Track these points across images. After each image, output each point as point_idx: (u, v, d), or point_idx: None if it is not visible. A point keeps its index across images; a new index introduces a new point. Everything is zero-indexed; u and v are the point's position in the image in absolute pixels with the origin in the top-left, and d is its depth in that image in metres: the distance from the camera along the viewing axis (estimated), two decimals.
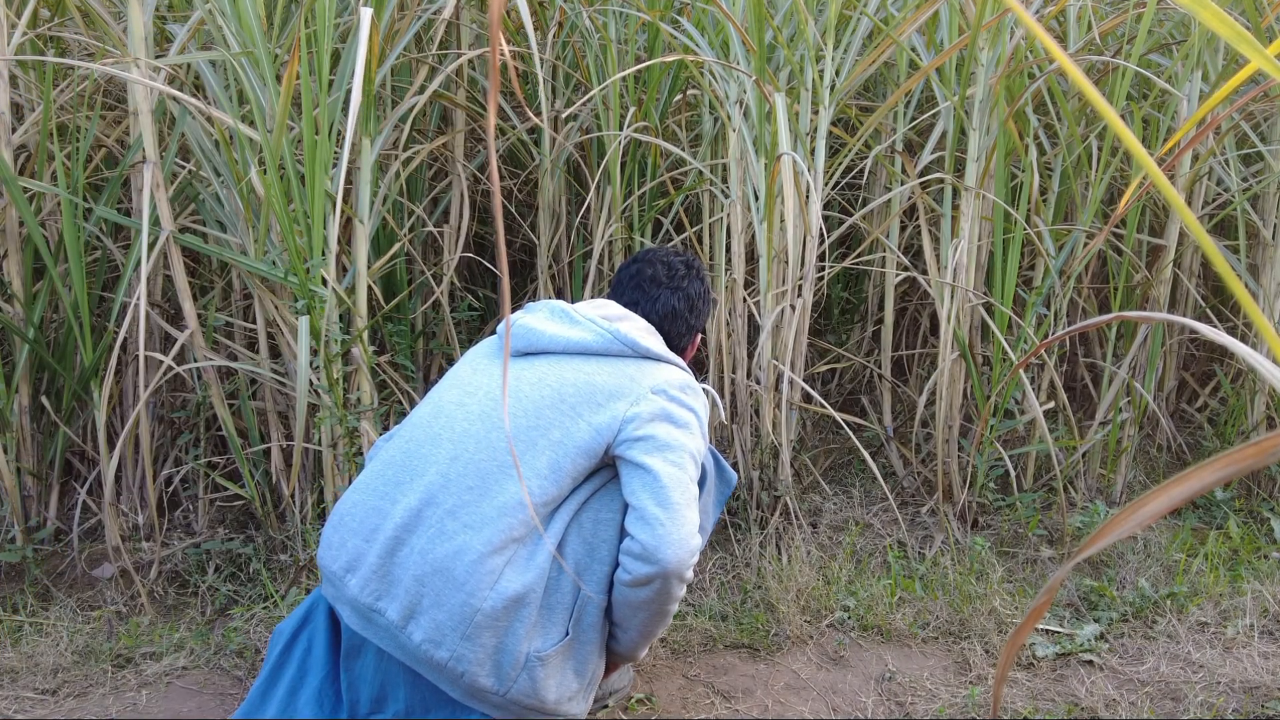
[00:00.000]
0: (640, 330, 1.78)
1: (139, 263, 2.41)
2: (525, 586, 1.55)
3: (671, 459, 1.62)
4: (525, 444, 1.60)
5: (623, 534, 1.64)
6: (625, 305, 1.89)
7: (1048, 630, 2.36)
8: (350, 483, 2.44)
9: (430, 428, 1.67)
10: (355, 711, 1.66)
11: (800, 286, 2.65)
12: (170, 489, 2.75)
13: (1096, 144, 2.88)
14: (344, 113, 2.33)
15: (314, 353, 2.34)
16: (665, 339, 1.87)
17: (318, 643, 1.71)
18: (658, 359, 1.76)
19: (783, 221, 2.56)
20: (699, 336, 2.01)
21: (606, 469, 1.68)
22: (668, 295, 1.90)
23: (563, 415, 1.63)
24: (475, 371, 1.75)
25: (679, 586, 1.62)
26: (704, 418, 1.74)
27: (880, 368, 3.22)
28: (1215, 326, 3.09)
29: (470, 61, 2.95)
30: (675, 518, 1.58)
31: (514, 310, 3.38)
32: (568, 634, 1.62)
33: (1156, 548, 2.72)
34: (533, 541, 1.59)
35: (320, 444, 2.46)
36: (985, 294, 2.90)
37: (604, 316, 1.77)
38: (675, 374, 1.74)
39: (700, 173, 2.88)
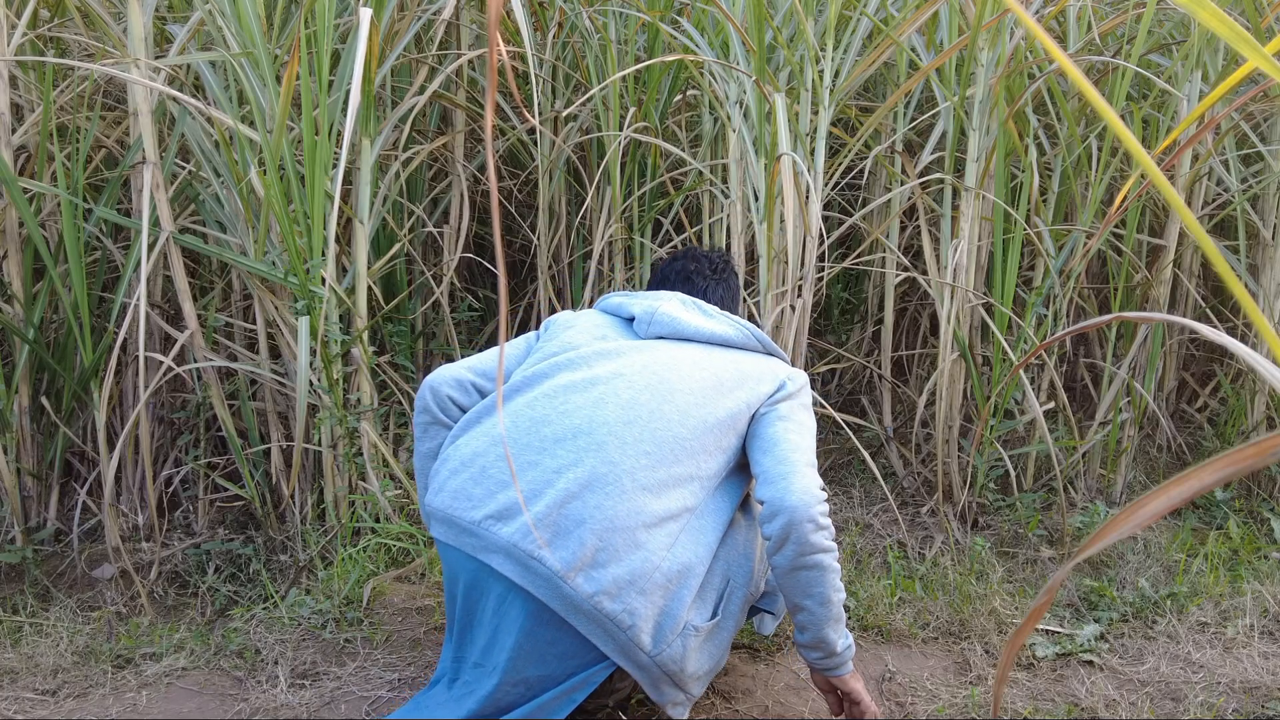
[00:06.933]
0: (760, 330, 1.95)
1: (139, 263, 2.41)
2: (697, 558, 1.64)
3: (793, 428, 1.76)
4: (695, 420, 1.71)
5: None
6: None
7: (1048, 630, 2.36)
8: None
9: (589, 392, 1.72)
10: (463, 651, 1.70)
11: (800, 287, 2.65)
12: (170, 489, 2.75)
13: (1096, 144, 2.88)
14: (344, 113, 2.32)
15: (314, 353, 2.34)
16: None
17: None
18: (781, 357, 1.95)
19: (782, 222, 2.56)
20: None
21: None
22: (714, 286, 2.07)
23: (721, 395, 1.75)
24: (620, 347, 1.82)
25: (816, 534, 1.64)
26: None
27: (880, 368, 3.22)
28: (1215, 326, 3.09)
29: (470, 62, 2.95)
30: (794, 469, 1.67)
31: (513, 307, 3.37)
32: (716, 614, 1.70)
33: (1156, 548, 2.72)
34: (703, 513, 1.68)
35: (320, 444, 2.46)
36: (985, 294, 2.89)
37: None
38: (799, 373, 1.90)
39: (700, 173, 2.88)
